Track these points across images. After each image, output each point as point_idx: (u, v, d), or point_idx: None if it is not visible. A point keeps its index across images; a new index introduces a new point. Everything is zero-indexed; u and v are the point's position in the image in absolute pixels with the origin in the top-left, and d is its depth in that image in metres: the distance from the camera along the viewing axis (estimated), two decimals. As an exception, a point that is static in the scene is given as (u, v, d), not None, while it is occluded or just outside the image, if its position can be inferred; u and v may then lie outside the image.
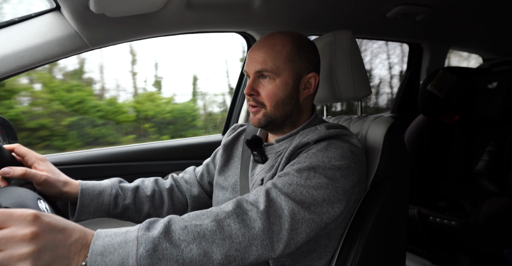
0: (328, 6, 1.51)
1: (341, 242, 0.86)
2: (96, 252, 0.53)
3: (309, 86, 0.89)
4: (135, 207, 0.97)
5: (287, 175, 0.74)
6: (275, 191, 0.70)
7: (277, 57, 0.84)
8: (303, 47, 0.87)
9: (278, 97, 0.85)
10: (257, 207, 0.66)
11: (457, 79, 1.94)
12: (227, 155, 1.06)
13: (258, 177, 0.90)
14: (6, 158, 0.76)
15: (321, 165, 0.74)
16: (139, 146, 1.60)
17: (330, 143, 0.80)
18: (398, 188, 0.94)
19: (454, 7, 1.71)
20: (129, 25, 1.24)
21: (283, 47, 0.85)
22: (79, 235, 0.54)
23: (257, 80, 0.87)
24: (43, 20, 1.12)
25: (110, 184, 0.94)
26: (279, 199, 0.68)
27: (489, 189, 1.78)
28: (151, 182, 1.03)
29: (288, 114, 0.88)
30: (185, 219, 0.63)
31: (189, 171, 1.16)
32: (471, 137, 1.95)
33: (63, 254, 0.51)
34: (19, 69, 1.08)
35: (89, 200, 0.88)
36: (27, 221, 0.49)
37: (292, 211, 0.67)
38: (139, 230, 0.58)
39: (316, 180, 0.72)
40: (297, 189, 0.71)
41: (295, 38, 0.87)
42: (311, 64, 0.88)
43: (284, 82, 0.85)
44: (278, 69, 0.84)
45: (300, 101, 0.89)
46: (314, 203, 0.70)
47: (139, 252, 0.54)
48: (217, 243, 0.60)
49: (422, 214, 1.69)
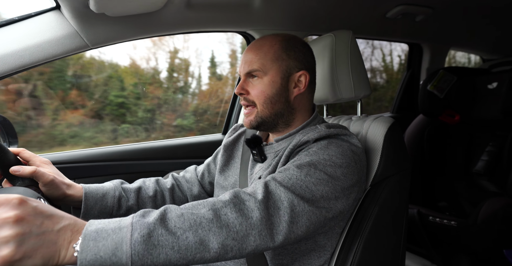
0: (328, 6, 1.51)
1: (341, 242, 0.86)
2: (88, 237, 0.52)
3: (300, 84, 0.89)
4: (138, 208, 0.97)
5: (287, 170, 0.74)
6: (274, 183, 0.70)
7: (264, 57, 0.87)
8: (292, 47, 0.89)
9: (266, 95, 0.87)
10: (255, 197, 0.65)
11: (457, 80, 1.94)
12: (227, 155, 1.06)
13: (257, 175, 0.91)
14: (11, 160, 0.77)
15: (322, 162, 0.75)
16: (140, 144, 1.60)
17: (330, 141, 0.80)
18: (398, 187, 0.94)
19: (455, 7, 1.71)
20: (129, 25, 1.24)
21: (271, 47, 0.88)
22: (68, 222, 0.53)
23: (247, 80, 0.90)
24: (43, 19, 1.12)
25: (113, 186, 0.94)
26: (278, 190, 0.68)
27: (489, 189, 1.79)
28: (152, 182, 1.04)
29: (278, 113, 0.89)
30: (182, 207, 0.62)
31: (190, 170, 1.16)
32: (471, 137, 1.95)
33: (50, 239, 0.50)
34: (19, 68, 1.08)
35: (93, 203, 0.88)
36: (12, 204, 0.48)
37: (292, 202, 0.67)
38: (134, 217, 0.57)
39: (316, 176, 0.72)
40: (297, 183, 0.70)
41: (284, 38, 0.90)
42: (301, 63, 0.89)
43: (272, 80, 0.87)
44: (265, 67, 0.86)
45: (290, 100, 0.90)
46: (313, 198, 0.70)
47: (134, 237, 0.53)
48: (213, 232, 0.59)
49: (422, 214, 1.69)
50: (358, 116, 1.09)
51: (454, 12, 1.78)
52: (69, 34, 1.14)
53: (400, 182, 0.95)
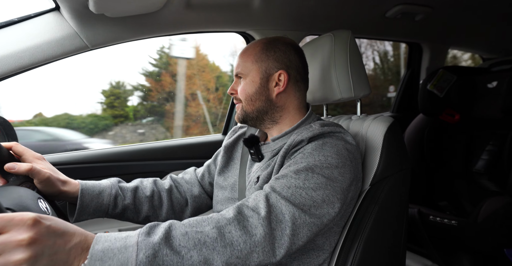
0: (327, 6, 1.51)
1: (341, 241, 0.86)
2: (95, 257, 0.53)
3: (280, 83, 0.93)
4: (135, 207, 0.97)
5: (285, 177, 0.75)
6: (275, 195, 0.70)
7: (247, 60, 0.94)
8: (273, 47, 0.93)
9: (247, 93, 0.93)
10: (258, 213, 0.66)
11: (457, 79, 1.94)
12: (227, 157, 1.08)
13: (255, 175, 0.92)
14: (5, 156, 0.76)
15: (318, 164, 0.75)
16: (139, 145, 1.60)
17: (325, 141, 0.81)
18: (398, 187, 0.94)
19: (454, 6, 1.71)
20: (128, 25, 1.24)
21: (253, 50, 0.94)
22: (79, 239, 0.54)
23: (237, 81, 0.98)
24: (43, 20, 1.12)
25: (110, 184, 0.94)
26: (279, 203, 0.69)
27: (489, 188, 1.78)
28: (150, 183, 1.04)
29: (261, 110, 0.94)
30: (186, 224, 0.63)
31: (190, 171, 1.17)
32: (471, 136, 1.95)
33: (62, 258, 0.51)
34: (18, 69, 1.08)
35: (89, 200, 0.88)
36: (26, 225, 0.49)
37: (293, 215, 0.68)
38: (139, 235, 0.58)
39: (314, 180, 0.73)
40: (296, 191, 0.71)
41: (267, 40, 0.95)
42: (280, 63, 0.93)
43: (252, 80, 0.93)
44: (247, 69, 0.94)
45: (272, 98, 0.93)
46: (315, 205, 0.71)
47: (139, 258, 0.54)
48: (218, 251, 0.60)
49: (422, 213, 1.69)
50: (357, 116, 1.09)
51: (453, 11, 1.78)
52: (68, 35, 1.14)
53: (400, 182, 0.95)
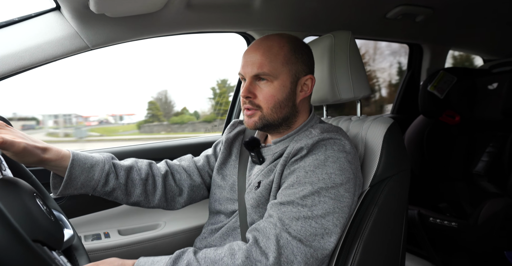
0: (328, 7, 1.51)
1: (341, 243, 0.86)
2: None
3: (306, 88, 0.89)
4: (126, 188, 0.91)
5: (291, 203, 0.74)
6: (286, 236, 0.71)
7: (275, 60, 0.83)
8: (300, 50, 0.87)
9: (276, 99, 0.84)
10: (267, 258, 0.68)
11: (457, 80, 1.94)
12: (227, 153, 1.04)
13: (255, 178, 0.90)
14: None
15: (323, 186, 0.75)
16: (139, 145, 1.59)
17: (327, 156, 0.77)
18: (398, 188, 0.94)
19: (455, 8, 1.71)
20: (129, 25, 1.24)
21: (281, 49, 0.84)
22: None
23: (254, 83, 0.85)
24: (43, 20, 1.12)
25: (103, 159, 0.87)
26: (290, 245, 0.70)
27: (489, 190, 1.78)
28: (145, 165, 0.97)
29: (285, 117, 0.88)
30: None
31: (187, 158, 1.10)
32: (471, 138, 1.95)
33: None
34: (19, 69, 1.08)
35: (79, 173, 0.81)
36: None
37: (305, 256, 0.70)
38: None
39: (321, 205, 0.74)
40: (306, 223, 0.72)
41: (291, 40, 0.87)
42: (307, 66, 0.89)
43: (282, 84, 0.84)
44: (276, 71, 0.83)
45: (296, 103, 0.89)
46: (327, 232, 0.73)
47: None
48: None
49: (422, 215, 1.69)
50: (357, 116, 1.08)
51: (454, 12, 1.78)
52: (69, 35, 1.14)
53: (400, 183, 0.94)
